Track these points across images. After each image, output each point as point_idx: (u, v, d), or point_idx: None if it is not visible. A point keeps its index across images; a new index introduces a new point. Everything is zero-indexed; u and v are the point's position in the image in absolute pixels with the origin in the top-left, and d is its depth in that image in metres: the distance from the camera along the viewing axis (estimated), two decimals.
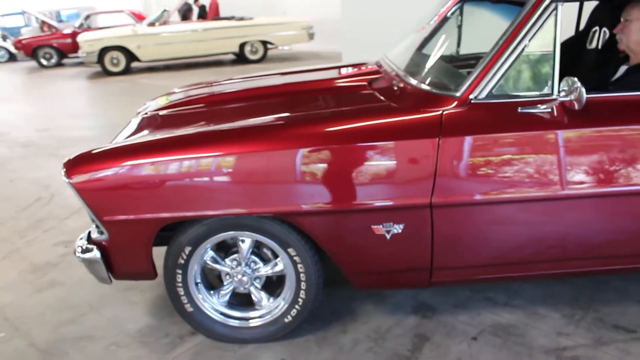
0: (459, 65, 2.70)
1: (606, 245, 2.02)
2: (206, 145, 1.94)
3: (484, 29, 2.61)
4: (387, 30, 7.44)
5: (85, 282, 2.67)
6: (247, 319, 2.18)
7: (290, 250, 2.03)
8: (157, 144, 2.01)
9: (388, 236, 1.97)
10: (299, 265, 2.06)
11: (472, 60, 2.73)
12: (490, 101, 1.91)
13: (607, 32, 2.61)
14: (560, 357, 2.04)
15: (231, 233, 2.03)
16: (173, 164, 1.91)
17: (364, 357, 2.10)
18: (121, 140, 2.31)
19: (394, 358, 2.08)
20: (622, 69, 2.28)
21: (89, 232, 2.14)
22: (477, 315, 2.32)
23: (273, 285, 2.21)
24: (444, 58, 2.53)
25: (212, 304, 2.17)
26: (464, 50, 2.85)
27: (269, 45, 11.23)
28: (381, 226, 1.96)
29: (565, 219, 1.96)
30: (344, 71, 2.79)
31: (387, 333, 2.22)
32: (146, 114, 2.61)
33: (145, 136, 2.19)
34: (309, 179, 1.90)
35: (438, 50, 2.46)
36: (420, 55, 2.52)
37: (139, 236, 2.01)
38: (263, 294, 2.18)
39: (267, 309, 2.17)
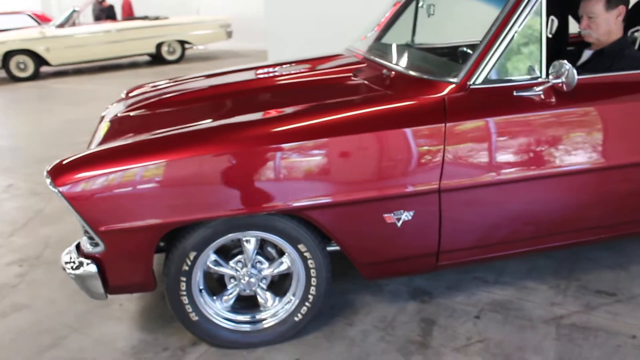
0: (440, 53, 2.77)
1: (603, 214, 2.18)
2: (212, 143, 1.84)
3: (459, 17, 2.71)
4: (315, 27, 7.51)
5: (57, 303, 2.45)
6: (254, 322, 2.10)
7: (300, 246, 1.98)
8: (157, 144, 1.87)
9: (399, 224, 1.98)
10: (309, 261, 2.01)
11: (447, 49, 2.83)
12: (487, 86, 1.98)
13: (556, 20, 2.79)
14: (559, 325, 2.16)
15: (238, 234, 1.94)
16: (176, 164, 1.79)
17: (377, 346, 2.09)
18: (96, 144, 2.14)
19: (407, 345, 2.09)
20: (587, 53, 2.45)
21: (77, 245, 1.96)
22: (472, 295, 2.39)
23: (274, 285, 2.15)
24: (427, 46, 2.60)
25: (216, 310, 2.07)
26: (442, 38, 2.95)
27: (186, 45, 10.89)
28: (392, 214, 1.96)
29: (563, 194, 2.08)
30: (317, 64, 2.75)
31: (393, 321, 2.24)
32: (116, 115, 2.42)
33: (134, 137, 2.03)
34: (321, 171, 1.87)
35: (418, 38, 2.51)
36: (402, 44, 2.56)
37: (139, 245, 1.87)
38: (269, 295, 2.10)
39: (275, 309, 2.10)
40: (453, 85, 1.97)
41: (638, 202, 2.21)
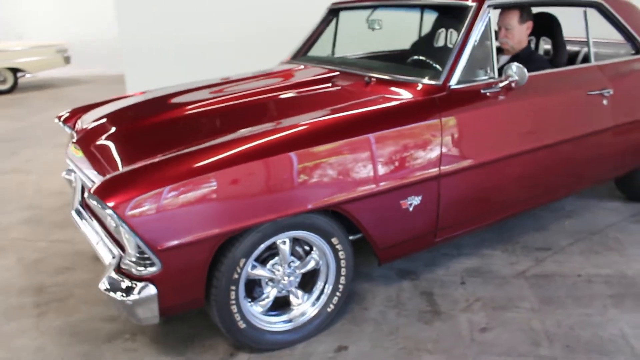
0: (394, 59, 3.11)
1: (552, 180, 2.74)
2: (263, 150, 1.92)
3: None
4: (177, 47, 7.42)
5: (46, 350, 2.22)
6: (290, 320, 2.19)
7: (333, 239, 2.15)
8: (209, 154, 1.89)
9: (411, 208, 2.27)
10: (340, 253, 2.19)
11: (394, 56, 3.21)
12: (461, 86, 2.39)
13: (454, 32, 3.35)
14: (526, 278, 2.65)
15: (282, 235, 2.04)
16: (230, 174, 1.85)
17: (399, 321, 2.34)
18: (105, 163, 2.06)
19: (422, 314, 2.38)
20: (504, 58, 3.01)
21: (117, 270, 1.87)
22: (449, 267, 2.78)
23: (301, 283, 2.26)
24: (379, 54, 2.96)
25: (255, 314, 2.12)
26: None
27: (18, 74, 9.80)
28: (406, 200, 2.25)
29: (529, 167, 2.59)
30: (285, 76, 2.90)
31: (399, 299, 2.51)
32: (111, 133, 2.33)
33: (173, 150, 1.98)
34: (355, 167, 2.08)
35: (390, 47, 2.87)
36: (357, 55, 2.89)
37: (197, 259, 1.86)
38: (300, 292, 2.22)
39: (307, 304, 2.22)
40: (438, 87, 2.34)
41: (573, 170, 2.85)
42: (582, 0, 2.87)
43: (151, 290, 1.80)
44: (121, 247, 1.98)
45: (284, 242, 2.09)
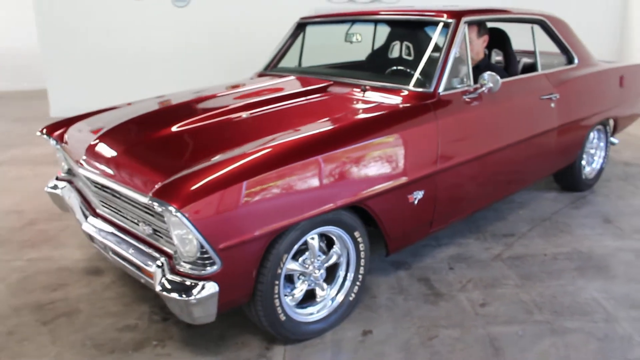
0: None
1: (524, 171, 3.15)
2: (305, 150, 2.09)
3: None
4: (101, 62, 7.20)
5: None
6: (319, 311, 2.36)
7: (355, 233, 2.36)
8: (265, 157, 2.03)
9: (415, 202, 2.54)
10: (361, 245, 2.40)
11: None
12: (447, 92, 2.71)
13: (410, 44, 3.72)
14: (502, 260, 3.02)
15: (315, 231, 2.20)
16: (282, 173, 2.00)
17: (408, 304, 2.59)
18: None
19: (427, 297, 2.65)
20: None
21: (173, 272, 1.93)
22: (434, 256, 3.08)
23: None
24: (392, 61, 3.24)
25: (290, 306, 2.26)
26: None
27: None
28: (412, 194, 2.51)
29: (500, 162, 2.97)
30: (290, 87, 3.06)
31: (401, 286, 2.76)
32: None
33: (226, 152, 2.10)
34: (376, 165, 2.31)
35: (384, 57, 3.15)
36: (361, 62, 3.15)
37: (252, 256, 1.98)
38: (324, 284, 2.40)
39: (331, 295, 2.40)
40: (430, 94, 2.64)
41: (531, 164, 3.29)
42: (530, 18, 3.34)
43: (213, 288, 1.89)
44: (157, 249, 2.07)
45: (313, 238, 2.26)
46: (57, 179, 3.03)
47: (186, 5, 7.07)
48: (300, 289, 2.31)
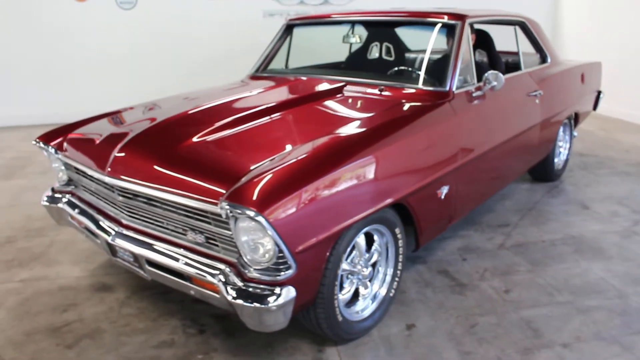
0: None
1: (518, 163, 3.34)
2: (362, 149, 2.10)
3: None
4: (39, 65, 6.72)
5: None
6: (364, 309, 2.37)
7: (396, 230, 2.40)
8: (327, 156, 2.02)
9: (442, 197, 2.63)
10: (400, 241, 2.45)
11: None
12: (459, 91, 2.83)
13: (390, 45, 3.83)
14: (507, 248, 3.19)
15: (366, 229, 2.22)
16: (345, 172, 2.00)
17: (439, 296, 2.67)
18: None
19: (453, 288, 2.75)
20: None
21: (243, 280, 1.87)
22: (444, 249, 3.20)
23: None
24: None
25: (341, 306, 2.26)
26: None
27: None
28: (440, 189, 2.60)
29: (502, 156, 3.13)
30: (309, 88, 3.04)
31: (425, 279, 2.83)
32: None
33: (294, 152, 2.07)
34: (414, 163, 2.37)
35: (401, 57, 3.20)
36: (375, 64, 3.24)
37: (319, 258, 1.97)
38: (368, 282, 2.42)
39: (372, 293, 2.42)
40: (447, 93, 2.74)
41: (522, 156, 3.49)
42: (514, 20, 3.55)
43: (291, 293, 1.85)
44: (210, 257, 2.02)
45: (359, 237, 2.28)
46: (53, 190, 2.82)
47: (132, 7, 6.76)
48: (347, 289, 2.31)
